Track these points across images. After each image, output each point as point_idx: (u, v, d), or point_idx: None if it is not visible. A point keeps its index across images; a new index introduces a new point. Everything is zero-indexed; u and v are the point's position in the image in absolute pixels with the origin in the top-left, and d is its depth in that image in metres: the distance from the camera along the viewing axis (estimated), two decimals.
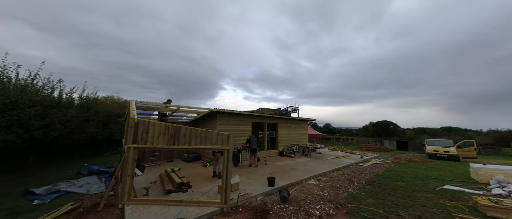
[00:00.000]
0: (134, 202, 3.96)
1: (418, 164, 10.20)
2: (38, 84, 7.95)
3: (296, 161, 9.47)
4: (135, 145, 3.82)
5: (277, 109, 39.70)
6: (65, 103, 8.96)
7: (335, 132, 59.37)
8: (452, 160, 11.73)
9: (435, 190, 5.60)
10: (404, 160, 11.83)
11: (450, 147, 12.51)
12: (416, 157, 13.55)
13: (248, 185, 5.32)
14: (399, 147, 20.92)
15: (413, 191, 5.49)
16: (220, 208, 3.86)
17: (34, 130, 6.99)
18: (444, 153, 12.21)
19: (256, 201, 4.49)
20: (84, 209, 4.20)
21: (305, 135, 14.28)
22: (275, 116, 12.07)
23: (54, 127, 7.82)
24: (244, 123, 9.74)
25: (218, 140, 4.21)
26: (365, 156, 11.80)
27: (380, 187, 5.82)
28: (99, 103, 12.19)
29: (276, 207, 4.18)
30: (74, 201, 4.61)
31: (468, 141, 13.21)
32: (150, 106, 7.83)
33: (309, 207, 4.21)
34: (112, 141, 13.90)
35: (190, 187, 5.03)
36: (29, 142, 7.35)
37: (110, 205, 4.31)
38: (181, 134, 4.05)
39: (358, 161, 10.14)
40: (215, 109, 8.41)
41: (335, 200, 4.67)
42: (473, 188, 5.81)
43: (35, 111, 6.86)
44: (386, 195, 5.05)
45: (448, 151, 12.16)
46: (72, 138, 9.40)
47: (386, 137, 34.55)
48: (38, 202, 4.52)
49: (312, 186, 5.69)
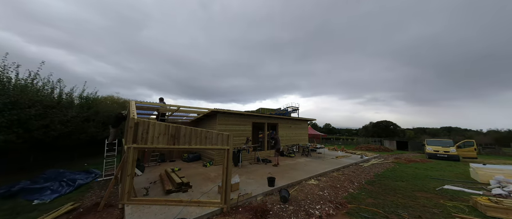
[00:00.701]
0: (134, 202, 3.97)
1: (418, 164, 10.23)
2: (38, 84, 7.96)
3: (296, 161, 9.48)
4: (135, 145, 3.83)
5: (277, 109, 39.67)
6: (65, 103, 8.96)
7: (335, 132, 59.43)
8: (452, 160, 11.77)
9: (435, 190, 5.62)
10: (404, 160, 11.85)
11: (450, 147, 12.54)
12: (416, 157, 13.58)
13: (248, 185, 5.33)
14: (399, 147, 20.99)
15: (413, 191, 5.51)
16: (220, 208, 3.87)
17: (34, 130, 6.99)
18: (444, 153, 12.24)
19: (256, 201, 4.49)
20: (84, 209, 4.21)
21: (305, 135, 14.30)
22: (275, 116, 12.10)
23: (54, 127, 7.82)
24: (244, 123, 9.76)
25: (218, 140, 4.22)
26: (365, 156, 11.81)
27: (380, 187, 5.83)
28: (99, 103, 12.21)
29: (276, 207, 4.19)
30: (74, 201, 4.63)
31: (468, 141, 13.25)
32: (150, 106, 7.84)
33: (309, 207, 4.22)
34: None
35: (190, 187, 5.03)
36: (29, 142, 7.35)
37: (110, 205, 4.32)
38: (181, 134, 4.05)
39: (358, 161, 10.15)
40: (215, 109, 8.43)
41: (335, 200, 4.67)
42: (473, 188, 5.82)
43: (35, 110, 6.86)
44: (386, 195, 5.06)
45: (448, 151, 12.18)
46: (72, 138, 9.40)
47: (386, 137, 34.63)
48: (38, 202, 4.53)
49: (312, 186, 5.69)
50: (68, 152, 10.36)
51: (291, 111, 36.88)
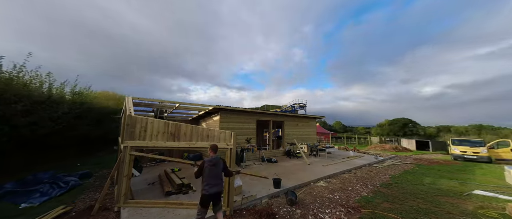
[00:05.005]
0: (131, 205, 4.05)
1: (441, 166, 10.06)
2: (25, 78, 7.88)
3: (303, 161, 9.49)
4: (132, 143, 3.88)
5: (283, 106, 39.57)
6: (56, 98, 8.98)
7: (347, 130, 59.04)
8: (482, 162, 11.36)
9: (463, 195, 5.47)
10: (425, 161, 11.70)
11: (481, 147, 12.05)
12: (439, 158, 13.36)
13: (252, 187, 5.37)
14: (419, 146, 20.60)
15: (436, 195, 5.40)
16: (222, 211, 3.91)
17: (21, 126, 6.91)
18: (473, 154, 11.85)
19: (260, 204, 4.53)
20: (77, 213, 4.23)
21: (313, 134, 14.28)
22: (281, 113, 12.07)
23: (44, 124, 7.78)
24: (248, 120, 9.81)
25: (220, 138, 4.24)
26: (380, 157, 11.71)
27: (397, 190, 5.78)
28: (92, 99, 12.35)
29: (282, 210, 4.22)
30: (66, 204, 4.60)
31: (503, 141, 12.65)
32: (148, 102, 7.91)
33: (318, 211, 4.23)
34: (107, 139, 14.06)
35: (191, 189, 5.11)
36: (16, 141, 7.27)
37: (105, 208, 4.35)
38: (182, 132, 4.09)
39: (371, 162, 10.08)
40: (217, 106, 8.46)
41: (346, 203, 4.67)
42: (509, 193, 5.61)
43: (22, 106, 6.79)
44: (404, 200, 5.00)
45: (478, 152, 11.76)
46: (64, 136, 9.48)
47: (404, 135, 34.19)
48: (26, 206, 4.46)
49: (321, 188, 5.70)
50: (59, 151, 10.36)
51: (298, 108, 36.77)
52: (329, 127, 57.05)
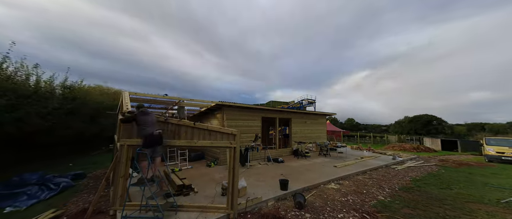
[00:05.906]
0: (127, 208, 4.14)
1: (472, 169, 9.84)
2: (9, 69, 7.75)
3: (312, 161, 9.52)
4: (129, 142, 3.95)
5: (290, 102, 39.43)
6: (45, 93, 8.87)
7: (360, 128, 58.48)
8: None
9: (500, 202, 5.27)
10: (452, 162, 11.46)
11: None
12: (469, 160, 13.05)
13: (258, 188, 5.42)
14: (445, 146, 20.20)
15: (466, 202, 5.24)
16: (226, 214, 3.97)
17: (5, 122, 6.78)
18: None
19: (266, 207, 4.57)
20: (69, 216, 4.27)
21: (323, 132, 14.26)
22: (288, 110, 12.06)
23: (31, 121, 7.59)
24: (253, 117, 9.88)
25: (223, 136, 4.28)
26: (399, 157, 11.58)
27: (419, 194, 5.70)
28: (86, 93, 12.39)
29: (290, 214, 4.24)
30: (56, 207, 4.61)
31: None
32: (147, 98, 8.00)
33: (329, 216, 4.24)
34: (102, 137, 14.18)
35: (193, 190, 5.19)
36: (2, 138, 7.18)
37: (99, 211, 4.40)
38: (183, 129, 4.14)
39: (389, 163, 9.99)
40: (220, 102, 8.54)
41: (361, 208, 4.65)
42: None
43: (6, 100, 6.65)
44: (428, 205, 4.91)
45: None
46: (55, 134, 9.44)
47: (427, 134, 33.51)
48: (11, 210, 4.47)
49: (332, 191, 5.70)
50: (50, 150, 10.35)
51: (306, 104, 36.58)
52: (340, 124, 56.63)
